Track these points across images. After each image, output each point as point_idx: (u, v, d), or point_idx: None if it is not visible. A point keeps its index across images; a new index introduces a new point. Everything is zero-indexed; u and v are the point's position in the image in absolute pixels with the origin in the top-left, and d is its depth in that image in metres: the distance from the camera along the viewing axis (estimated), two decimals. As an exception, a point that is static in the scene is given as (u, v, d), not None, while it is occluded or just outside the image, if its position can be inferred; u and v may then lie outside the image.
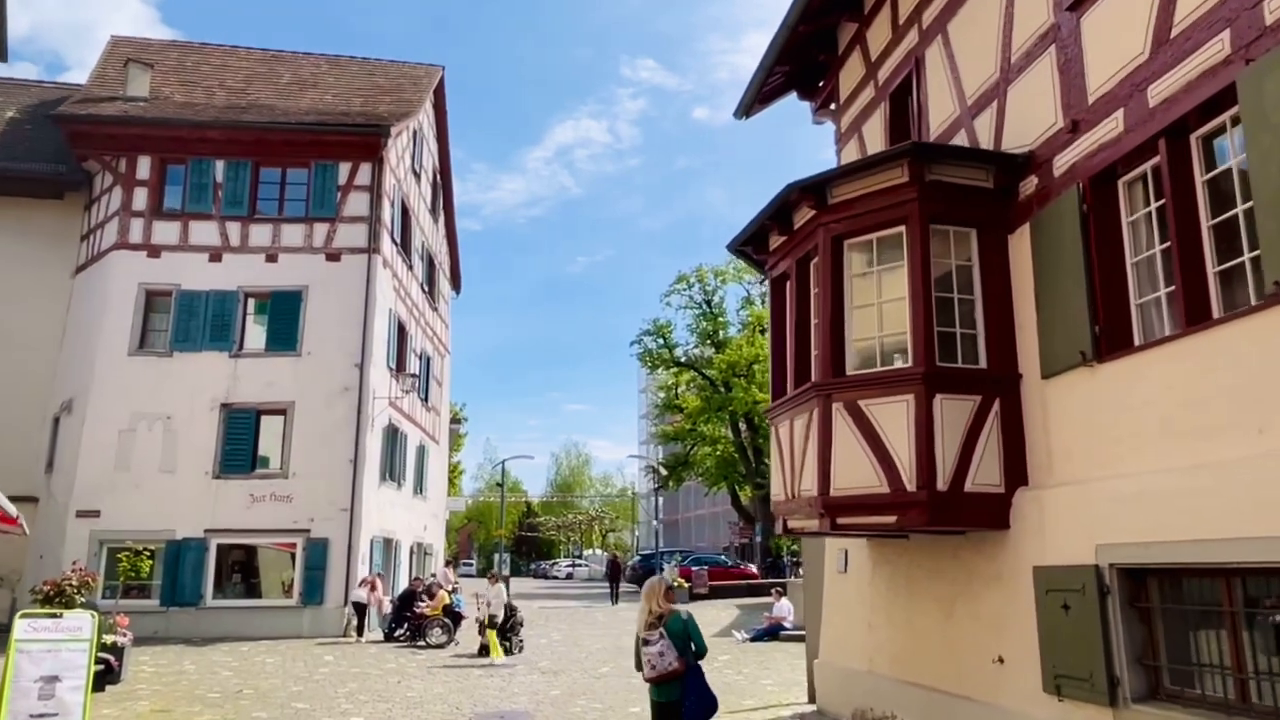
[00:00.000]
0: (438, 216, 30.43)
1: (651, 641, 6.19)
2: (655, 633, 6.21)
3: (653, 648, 6.17)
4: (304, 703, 11.97)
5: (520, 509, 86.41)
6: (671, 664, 6.10)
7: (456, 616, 20.78)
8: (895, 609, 8.86)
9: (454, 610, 20.90)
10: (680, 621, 6.28)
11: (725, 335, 41.77)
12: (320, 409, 21.02)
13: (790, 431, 8.44)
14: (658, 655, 6.14)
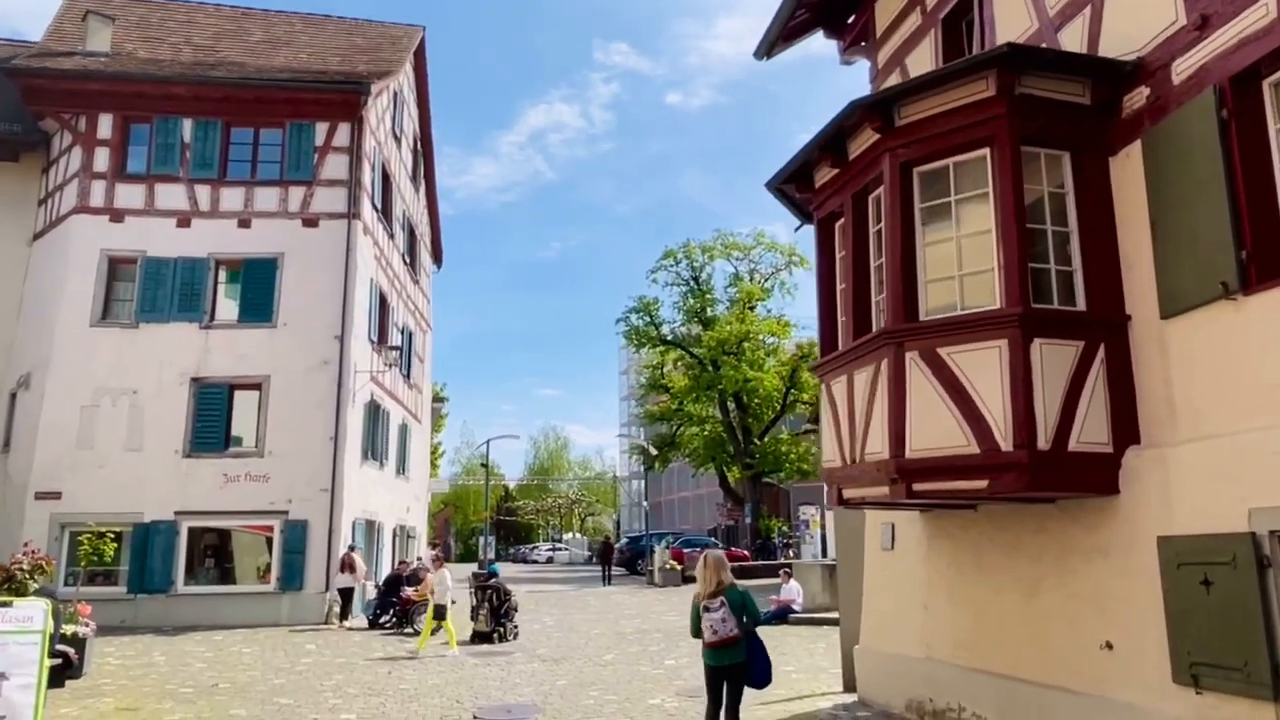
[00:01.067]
0: (418, 185, 29.11)
1: (712, 609, 6.69)
2: (716, 601, 6.70)
3: (714, 614, 6.67)
4: (287, 697, 10.85)
5: (498, 493, 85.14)
6: (732, 630, 6.65)
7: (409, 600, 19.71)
8: (959, 589, 7.89)
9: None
10: (738, 593, 6.75)
11: (713, 313, 40.74)
12: (298, 384, 19.77)
13: (848, 389, 7.41)
14: (720, 621, 6.66)
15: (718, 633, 6.68)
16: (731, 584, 6.82)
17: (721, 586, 6.76)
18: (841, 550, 10.80)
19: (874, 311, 7.43)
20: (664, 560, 29.72)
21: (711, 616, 6.69)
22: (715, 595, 6.72)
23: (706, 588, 6.80)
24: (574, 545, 68.92)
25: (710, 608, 6.70)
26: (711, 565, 6.89)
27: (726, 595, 6.70)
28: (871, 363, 7.03)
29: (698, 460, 42.49)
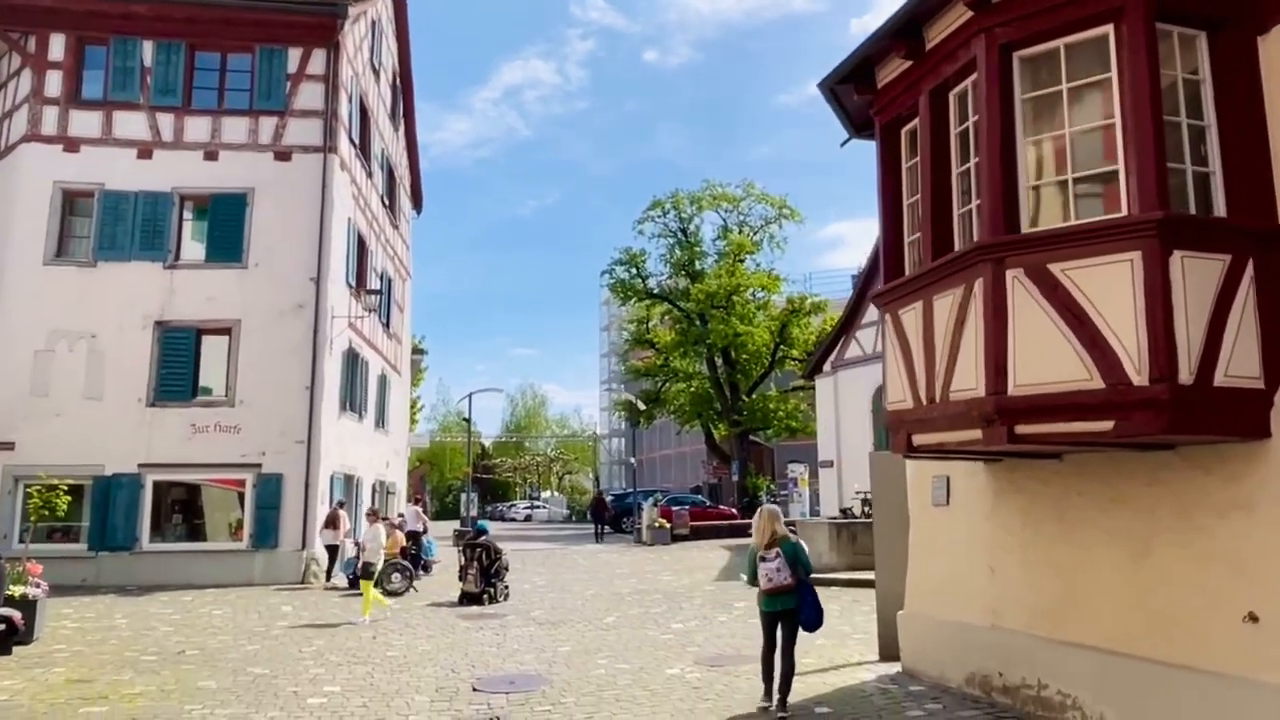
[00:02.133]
0: (398, 124, 27.53)
1: (769, 559, 7.19)
2: (772, 551, 7.19)
3: (770, 564, 7.17)
4: (262, 666, 9.76)
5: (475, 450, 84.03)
6: (787, 578, 7.14)
7: (417, 560, 18.71)
8: (1037, 550, 6.90)
9: (416, 555, 18.83)
10: (792, 544, 7.29)
11: (701, 266, 39.53)
12: (271, 329, 18.44)
13: (924, 318, 6.33)
14: (775, 570, 7.14)
15: (773, 580, 7.15)
16: (785, 536, 7.35)
17: (776, 538, 7.25)
18: (880, 506, 9.80)
19: (956, 227, 6.33)
20: (652, 518, 28.82)
21: (767, 566, 7.18)
22: (771, 546, 7.22)
23: (762, 539, 7.30)
24: (553, 504, 68.15)
25: (766, 558, 7.20)
26: (767, 518, 7.41)
27: (781, 546, 7.20)
28: (958, 285, 5.93)
29: (683, 417, 41.56)
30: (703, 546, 26.97)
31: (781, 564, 7.14)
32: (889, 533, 9.68)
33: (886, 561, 9.63)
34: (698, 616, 13.38)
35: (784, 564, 7.14)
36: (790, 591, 7.16)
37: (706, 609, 14.13)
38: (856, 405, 27.64)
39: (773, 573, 7.16)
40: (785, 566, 7.13)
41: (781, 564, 7.14)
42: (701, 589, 16.77)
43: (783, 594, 7.17)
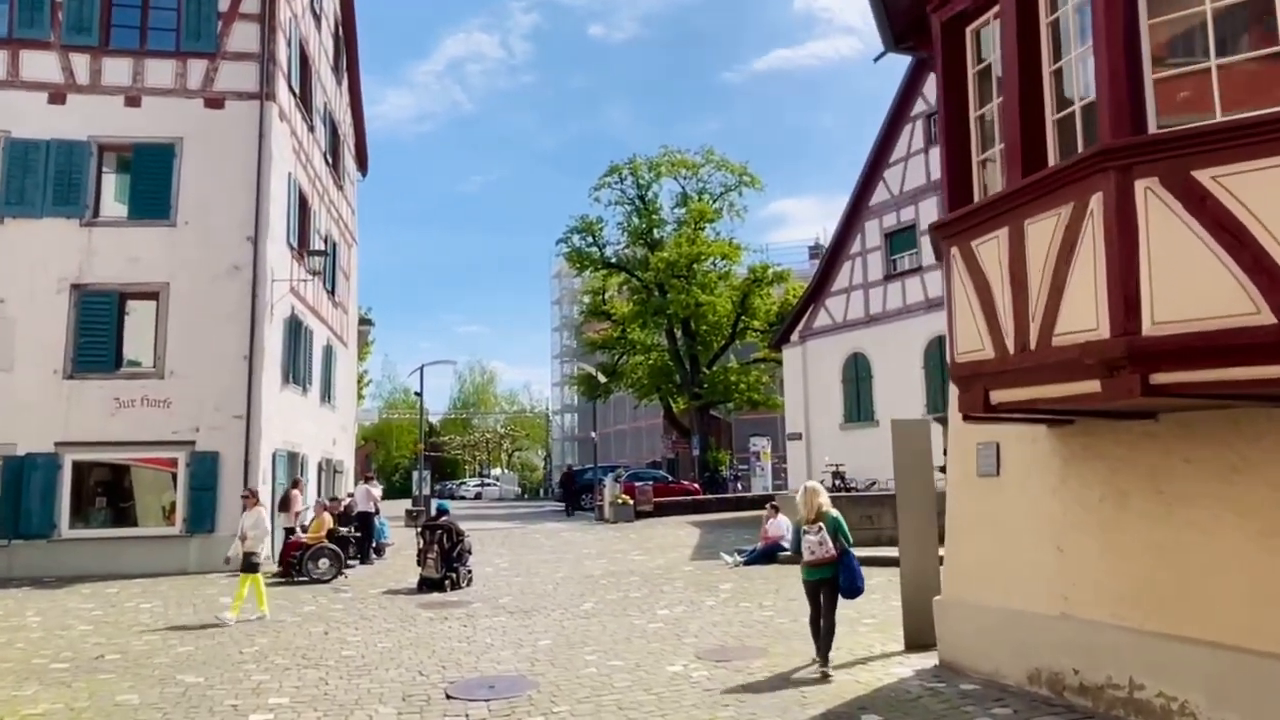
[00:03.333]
0: (340, 78, 25.68)
1: (811, 533, 7.51)
2: (815, 525, 7.51)
3: (813, 537, 7.49)
4: (195, 673, 8.38)
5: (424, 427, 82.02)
6: (829, 551, 7.45)
7: (367, 543, 17.35)
8: (1126, 526, 5.85)
9: (366, 538, 17.46)
10: (833, 519, 7.57)
11: (660, 235, 38.27)
12: (203, 293, 16.78)
13: (1012, 247, 5.19)
14: (817, 544, 7.47)
15: (815, 553, 7.53)
16: (828, 510, 7.64)
17: (820, 512, 7.59)
18: (904, 479, 8.71)
19: (1051, 135, 5.17)
20: (615, 495, 27.66)
21: (810, 539, 7.56)
22: (814, 521, 7.57)
23: (808, 513, 7.61)
24: (504, 481, 66.72)
25: (809, 532, 7.57)
26: (810, 494, 7.71)
27: (824, 521, 7.56)
28: (1063, 203, 4.79)
29: (641, 391, 40.37)
30: (668, 523, 25.91)
31: (824, 537, 7.47)
32: (914, 509, 8.62)
33: (912, 541, 8.57)
34: (683, 601, 12.25)
35: (826, 537, 7.47)
36: (832, 563, 7.52)
37: (691, 592, 13.01)
38: (827, 376, 26.72)
39: (815, 546, 7.52)
40: (828, 540, 7.47)
41: (824, 537, 7.47)
42: (679, 570, 15.67)
43: (824, 565, 7.55)
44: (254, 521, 11.81)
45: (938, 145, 23.72)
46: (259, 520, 11.88)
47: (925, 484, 8.66)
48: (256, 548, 11.67)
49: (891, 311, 24.81)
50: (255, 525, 11.77)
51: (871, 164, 25.64)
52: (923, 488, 8.65)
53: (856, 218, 26.14)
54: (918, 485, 8.63)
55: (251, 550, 11.57)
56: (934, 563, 8.61)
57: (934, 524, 8.73)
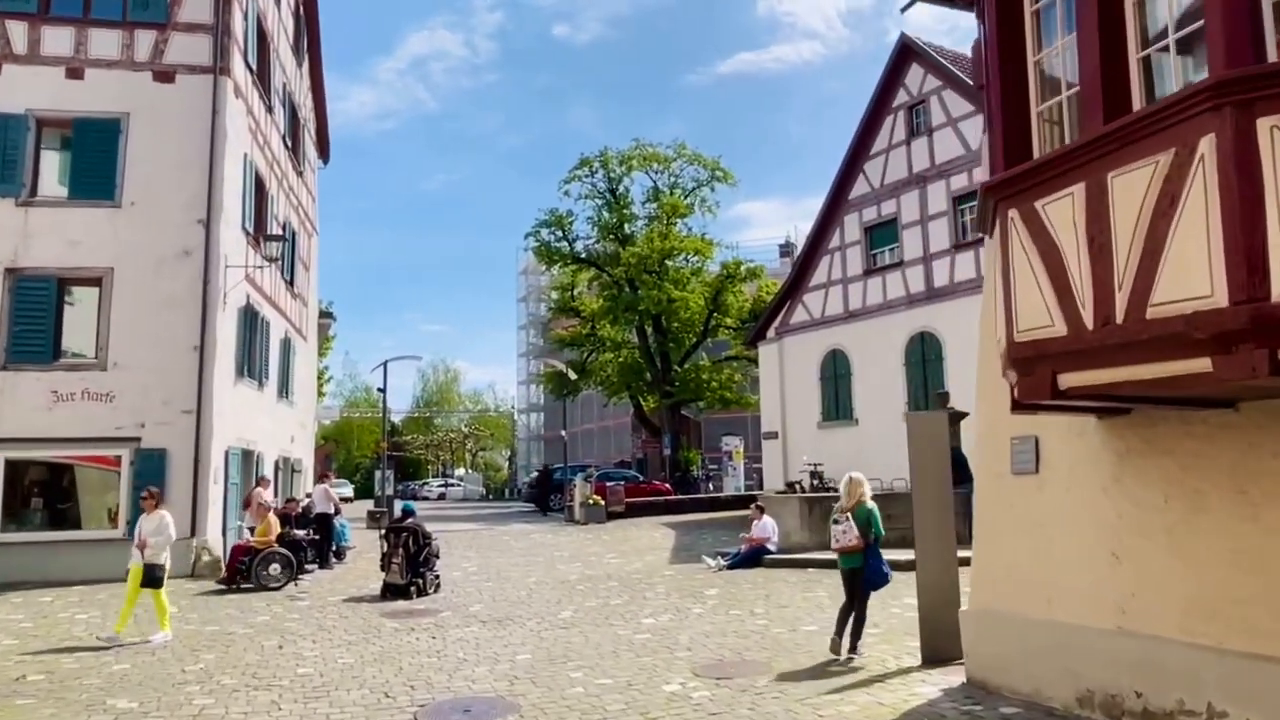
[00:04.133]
0: (301, 59, 24.54)
1: (840, 522, 8.05)
2: (844, 516, 8.02)
3: (839, 527, 8.05)
4: (129, 697, 7.41)
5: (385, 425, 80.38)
6: (852, 540, 7.94)
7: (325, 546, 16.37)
8: (1199, 530, 5.15)
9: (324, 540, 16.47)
10: (866, 510, 7.97)
11: (631, 229, 37.45)
12: (150, 279, 15.67)
13: (1090, 205, 4.44)
14: (841, 533, 8.02)
15: (839, 542, 8.01)
16: (863, 503, 7.97)
17: (858, 503, 7.93)
18: (920, 477, 7.98)
19: (1135, 75, 4.43)
20: (586, 495, 26.77)
21: (837, 529, 8.01)
22: (844, 512, 7.97)
23: (848, 503, 8.01)
24: (468, 481, 65.48)
25: (838, 521, 8.01)
26: (854, 484, 8.10)
27: (855, 512, 7.91)
28: (1163, 149, 4.04)
29: (611, 389, 39.51)
30: (641, 525, 25.08)
31: (849, 527, 7.90)
32: (931, 509, 7.90)
33: (930, 544, 7.85)
34: (669, 609, 11.44)
35: (851, 527, 7.89)
36: (857, 552, 7.89)
37: (675, 599, 12.20)
38: (804, 373, 26.08)
39: (840, 535, 7.97)
40: (852, 529, 7.88)
41: (849, 527, 7.90)
42: (659, 574, 14.86)
43: (848, 554, 7.99)
44: (156, 527, 10.09)
45: (921, 136, 23.33)
46: (162, 525, 10.15)
47: (943, 481, 7.94)
48: (159, 558, 9.96)
49: (872, 307, 24.22)
50: (158, 531, 10.07)
51: (851, 156, 25.05)
52: (940, 485, 7.93)
53: (835, 211, 25.52)
54: (935, 483, 7.91)
55: (154, 561, 9.90)
56: (953, 568, 7.89)
57: (953, 525, 8.02)
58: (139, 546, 9.99)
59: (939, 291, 22.28)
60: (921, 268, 22.81)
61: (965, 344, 21.38)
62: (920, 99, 23.21)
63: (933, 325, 22.45)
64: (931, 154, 22.73)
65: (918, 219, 22.99)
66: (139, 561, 9.96)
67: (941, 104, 22.58)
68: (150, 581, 9.89)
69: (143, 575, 9.91)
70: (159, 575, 9.93)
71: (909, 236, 23.25)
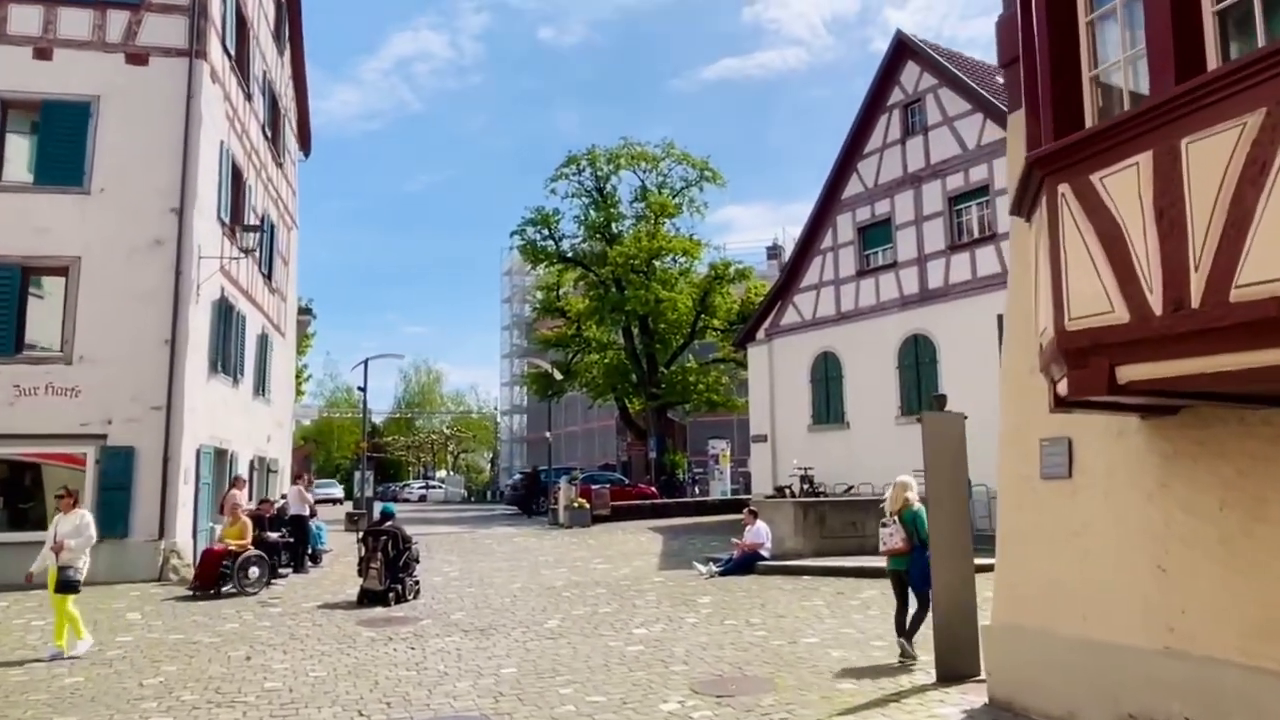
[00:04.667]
0: (283, 48, 23.88)
1: (887, 525, 8.09)
2: (891, 519, 8.05)
3: (886, 530, 8.08)
4: (78, 715, 6.81)
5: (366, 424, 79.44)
6: (897, 543, 7.95)
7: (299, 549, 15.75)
8: (1261, 543, 4.67)
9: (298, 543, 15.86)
10: (912, 514, 7.93)
11: (619, 229, 36.90)
12: (120, 269, 15.01)
13: (1159, 175, 3.95)
14: (889, 535, 8.04)
15: (886, 544, 8.05)
16: (911, 506, 7.95)
17: (904, 506, 7.95)
18: (936, 482, 7.47)
19: (1210, 30, 3.94)
20: (570, 498, 26.19)
21: (884, 531, 8.06)
22: (893, 514, 7.99)
23: (894, 506, 8.04)
24: (450, 483, 64.70)
25: (886, 523, 8.05)
26: (900, 488, 8.09)
27: (902, 515, 7.93)
28: (1249, 109, 3.55)
29: (596, 390, 38.91)
30: (627, 529, 24.53)
31: (895, 529, 7.94)
32: (947, 516, 7.39)
33: (945, 553, 7.34)
34: (661, 618, 10.91)
35: (897, 529, 7.93)
36: (904, 554, 7.92)
37: (667, 607, 11.66)
38: (794, 375, 25.62)
39: (887, 538, 8.02)
40: (899, 532, 7.91)
41: (895, 529, 7.94)
42: (649, 581, 14.31)
43: (895, 556, 8.03)
44: (74, 528, 9.31)
45: (916, 135, 22.94)
46: (81, 526, 9.38)
47: (959, 487, 7.46)
48: (76, 561, 9.19)
49: (864, 309, 23.80)
50: (76, 533, 9.28)
51: (844, 155, 24.62)
52: (956, 491, 7.44)
53: (828, 211, 25.09)
54: (951, 488, 7.41)
55: (69, 564, 9.10)
56: (971, 579, 7.40)
57: (969, 533, 7.53)
58: (54, 549, 9.14)
59: (933, 293, 21.87)
60: (916, 269, 22.40)
61: (960, 347, 21.05)
62: (916, 97, 22.82)
63: (926, 328, 22.03)
64: (927, 153, 22.33)
65: (912, 219, 22.58)
66: (54, 564, 9.12)
67: (938, 103, 22.18)
68: (64, 587, 9.00)
69: (56, 581, 9.06)
70: (74, 580, 9.07)
71: (903, 237, 22.85)
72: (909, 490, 7.98)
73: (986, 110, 20.83)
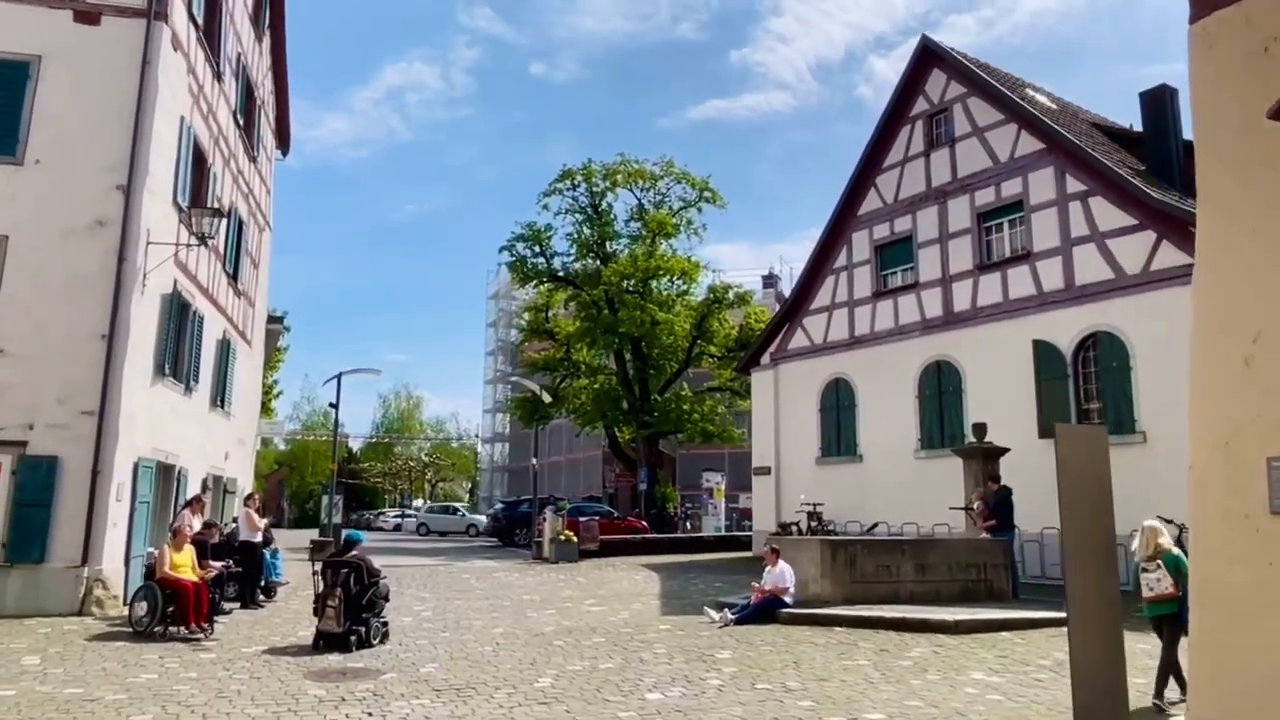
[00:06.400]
0: (262, 34, 22.13)
1: (1150, 570, 7.65)
2: (1154, 563, 7.62)
3: (1151, 575, 7.63)
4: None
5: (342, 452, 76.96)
6: (1168, 587, 7.47)
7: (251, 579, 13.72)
8: None
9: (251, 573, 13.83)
10: (1173, 557, 7.60)
11: (613, 248, 35.21)
12: (53, 251, 13.06)
13: None
14: (1155, 581, 7.58)
15: (1153, 590, 7.63)
16: (1168, 549, 7.64)
17: (1159, 551, 7.62)
18: (1071, 511, 5.63)
19: None
20: (556, 530, 24.13)
21: (1149, 577, 7.66)
22: (1153, 559, 7.63)
23: (1146, 551, 7.70)
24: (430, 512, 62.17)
25: (1148, 569, 7.67)
26: (1151, 532, 7.73)
27: (1163, 559, 7.58)
28: None
29: (584, 418, 36.95)
30: (617, 565, 22.51)
31: (1162, 574, 7.54)
32: (1090, 561, 5.53)
33: (1089, 611, 5.47)
34: (677, 678, 8.93)
35: (1165, 575, 7.52)
36: (1172, 600, 7.49)
37: (681, 664, 9.68)
38: (802, 403, 23.82)
39: (1153, 583, 7.61)
40: (1166, 577, 7.51)
41: (1162, 574, 7.54)
42: (653, 628, 12.32)
43: (1165, 601, 7.56)
44: None
45: (941, 147, 21.34)
46: None
47: (1103, 521, 5.60)
48: None
49: (881, 333, 22.08)
50: None
51: (862, 169, 23.05)
52: (1098, 525, 5.60)
53: (842, 228, 23.47)
54: (1092, 522, 5.57)
55: None
56: (1119, 646, 5.52)
57: (1117, 583, 5.67)
58: None
59: (959, 317, 20.18)
60: (939, 290, 20.73)
61: (988, 375, 19.28)
62: (942, 107, 21.31)
63: (951, 353, 20.32)
64: (954, 166, 20.77)
65: (936, 237, 20.96)
66: None
67: (966, 112, 20.66)
68: None
69: None
70: None
71: (925, 256, 21.21)
72: (1161, 535, 7.65)
73: (1021, 120, 19.32)
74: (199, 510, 13.64)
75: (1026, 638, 11.15)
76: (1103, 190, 17.57)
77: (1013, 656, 9.92)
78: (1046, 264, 18.46)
